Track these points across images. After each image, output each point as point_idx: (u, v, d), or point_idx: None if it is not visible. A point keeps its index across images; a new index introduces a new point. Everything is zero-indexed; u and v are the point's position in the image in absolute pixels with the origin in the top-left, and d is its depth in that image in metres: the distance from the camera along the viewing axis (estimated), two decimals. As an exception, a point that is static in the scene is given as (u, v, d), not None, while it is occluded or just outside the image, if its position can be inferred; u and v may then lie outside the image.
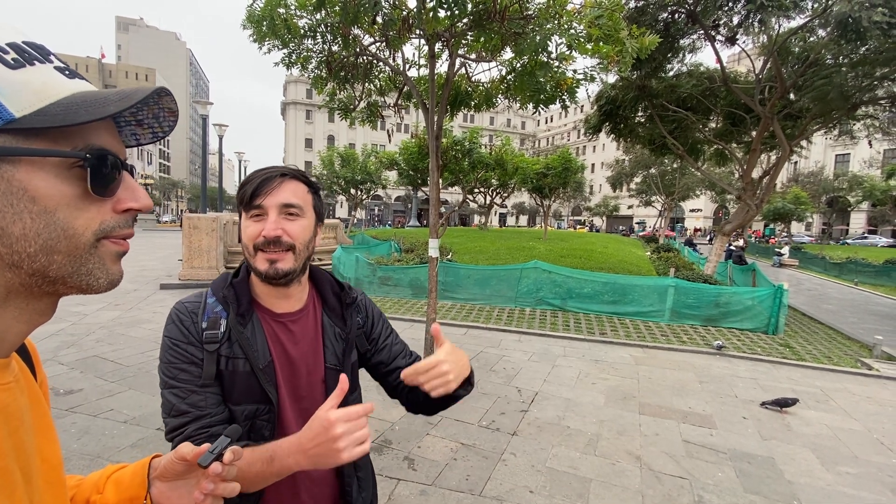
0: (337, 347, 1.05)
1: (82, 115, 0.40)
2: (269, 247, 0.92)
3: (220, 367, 0.94)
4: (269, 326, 1.00)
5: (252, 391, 0.95)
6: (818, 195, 37.05)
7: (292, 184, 0.96)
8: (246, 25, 4.32)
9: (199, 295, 1.01)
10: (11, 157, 0.39)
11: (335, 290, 1.11)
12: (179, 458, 0.64)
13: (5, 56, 0.40)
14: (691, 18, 8.80)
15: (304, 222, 0.96)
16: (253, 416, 0.95)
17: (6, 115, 0.38)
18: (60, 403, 3.93)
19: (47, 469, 0.49)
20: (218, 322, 0.96)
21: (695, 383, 5.40)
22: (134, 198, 0.47)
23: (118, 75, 76.97)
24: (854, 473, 3.55)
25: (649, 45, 3.90)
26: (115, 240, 0.46)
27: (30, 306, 0.44)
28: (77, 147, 0.42)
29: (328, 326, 1.06)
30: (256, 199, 0.93)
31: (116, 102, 0.43)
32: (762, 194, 10.93)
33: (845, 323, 9.29)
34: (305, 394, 1.02)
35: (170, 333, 0.95)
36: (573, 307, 8.92)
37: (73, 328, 6.24)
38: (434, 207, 4.80)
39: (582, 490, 3.10)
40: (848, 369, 6.26)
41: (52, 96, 0.41)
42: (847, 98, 8.62)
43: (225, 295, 0.98)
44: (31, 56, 0.41)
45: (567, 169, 19.16)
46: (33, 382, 0.51)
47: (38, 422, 0.49)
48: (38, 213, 0.40)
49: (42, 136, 0.40)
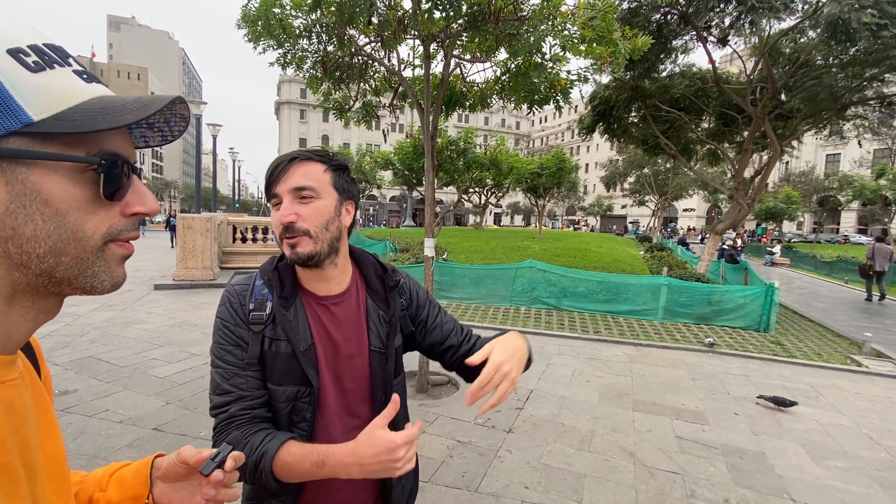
0: (381, 330, 1.05)
1: (100, 123, 0.41)
2: (287, 233, 0.94)
3: (264, 348, 0.97)
4: (312, 309, 1.01)
5: (293, 373, 0.97)
6: (809, 195, 37.46)
7: (304, 165, 0.96)
8: (241, 25, 4.31)
9: (248, 278, 1.04)
10: (27, 159, 0.39)
11: (379, 273, 1.10)
12: (181, 460, 0.64)
13: (26, 59, 0.40)
14: (683, 20, 8.87)
15: (319, 203, 0.95)
16: (294, 397, 0.97)
17: (25, 119, 0.38)
18: (56, 404, 3.87)
19: (51, 465, 0.49)
20: (264, 304, 0.98)
21: (688, 380, 5.46)
22: (142, 202, 0.48)
23: (110, 75, 76.09)
24: (843, 468, 3.62)
25: (642, 47, 3.94)
26: (121, 243, 0.47)
27: (36, 305, 0.45)
28: (91, 151, 0.43)
29: (372, 309, 1.06)
30: (272, 187, 0.95)
31: (134, 111, 0.43)
32: (754, 194, 11.04)
33: (835, 320, 9.42)
34: (348, 375, 1.03)
35: (221, 315, 0.99)
36: (568, 306, 8.97)
37: (66, 329, 6.20)
38: (429, 207, 4.83)
39: (576, 485, 3.14)
40: (838, 366, 6.35)
41: (71, 100, 0.41)
42: (837, 98, 8.72)
43: (270, 278, 1.00)
44: (51, 59, 0.42)
45: (561, 169, 19.23)
46: (37, 379, 0.51)
47: (41, 418, 0.49)
48: (49, 216, 0.41)
49: (57, 140, 0.41)
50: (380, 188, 29.74)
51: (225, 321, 0.99)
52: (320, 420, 1.00)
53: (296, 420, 0.98)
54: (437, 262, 9.95)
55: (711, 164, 14.03)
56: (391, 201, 62.65)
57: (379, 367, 1.04)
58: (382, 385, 1.05)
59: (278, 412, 0.98)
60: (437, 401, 4.47)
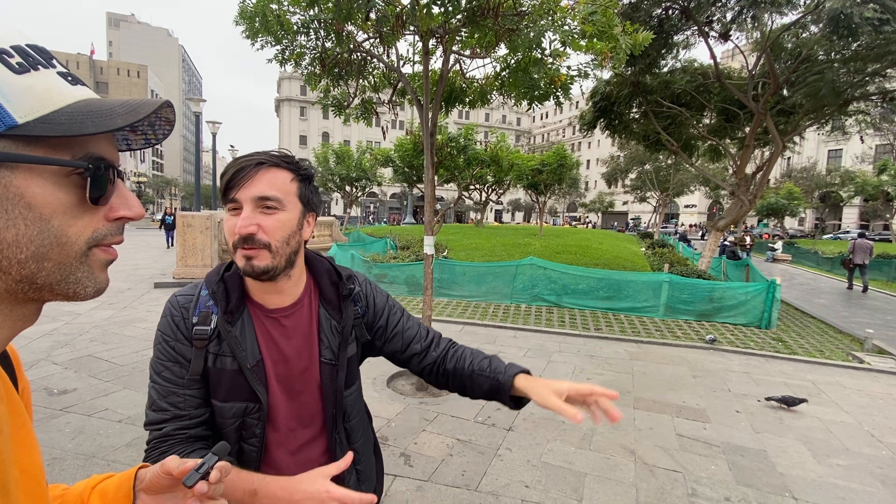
0: (332, 341, 1.01)
1: (88, 127, 0.40)
2: (244, 244, 0.87)
3: (208, 364, 0.92)
4: (261, 323, 0.96)
5: (241, 389, 0.93)
6: (811, 191, 37.34)
7: (270, 173, 0.88)
8: (238, 21, 4.28)
9: (194, 287, 0.98)
10: (10, 162, 0.38)
11: (333, 280, 1.05)
12: (165, 472, 0.62)
13: (10, 60, 0.39)
14: (685, 15, 8.82)
15: (282, 216, 0.89)
16: (242, 413, 0.93)
17: (9, 121, 0.37)
18: (54, 403, 3.91)
19: (26, 479, 0.47)
20: (209, 318, 0.93)
21: (689, 378, 5.44)
22: (127, 206, 0.47)
23: (109, 72, 76.01)
24: (845, 465, 3.60)
25: (643, 42, 3.90)
26: (105, 248, 0.46)
27: (14, 312, 0.43)
28: (77, 155, 0.42)
29: (324, 320, 1.01)
30: (231, 191, 0.87)
31: (123, 116, 0.42)
32: (755, 190, 11.01)
33: (837, 317, 9.39)
34: (301, 389, 0.99)
35: (161, 328, 0.94)
36: (568, 303, 8.96)
37: (66, 328, 6.20)
38: (429, 204, 4.80)
39: (577, 484, 3.13)
40: (839, 363, 6.33)
41: (56, 103, 0.40)
42: (839, 94, 8.68)
43: (215, 290, 0.95)
44: (35, 60, 0.41)
45: (562, 165, 19.18)
46: (13, 391, 0.49)
47: (16, 432, 0.47)
48: (32, 220, 0.40)
49: (42, 143, 0.40)
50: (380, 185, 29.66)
51: (165, 335, 0.93)
52: (272, 435, 0.97)
53: (245, 436, 0.94)
54: (437, 259, 9.94)
55: (713, 160, 13.98)
56: (391, 198, 62.60)
57: (329, 380, 0.99)
58: (333, 398, 1.00)
59: (225, 427, 0.94)
60: (437, 399, 4.46)
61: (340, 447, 1.03)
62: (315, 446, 1.02)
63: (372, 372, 4.90)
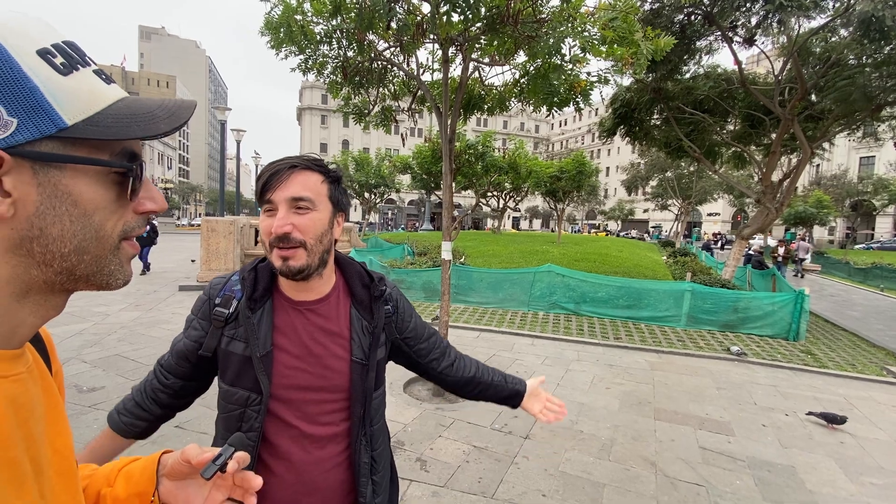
0: (364, 341, 1.02)
1: (135, 131, 0.42)
2: (280, 243, 0.91)
3: (220, 346, 0.98)
4: (286, 313, 0.99)
5: (247, 377, 0.96)
6: (841, 199, 36.05)
7: (302, 175, 0.93)
8: (263, 32, 4.41)
9: (230, 274, 1.06)
10: (60, 163, 0.40)
11: (365, 282, 1.07)
12: (185, 459, 0.63)
13: (54, 59, 0.40)
14: (708, 20, 8.68)
15: (315, 215, 0.93)
16: (245, 403, 0.96)
17: (60, 123, 0.39)
18: (84, 400, 4.04)
19: (59, 460, 0.48)
20: (230, 301, 0.99)
21: (712, 389, 5.29)
22: (152, 199, 0.49)
23: (140, 83, 79.09)
24: (879, 484, 3.44)
25: (664, 47, 3.86)
26: (131, 242, 0.48)
27: (47, 302, 0.45)
28: (114, 151, 0.44)
29: (356, 319, 1.03)
30: (266, 193, 0.92)
31: (166, 120, 0.45)
32: (782, 198, 10.70)
33: (870, 330, 9.01)
34: (317, 385, 0.99)
35: (194, 304, 1.05)
36: (587, 311, 8.83)
37: (95, 328, 6.41)
38: (447, 211, 4.82)
39: (595, 495, 3.07)
40: (873, 377, 6.07)
41: (100, 104, 0.42)
42: (871, 99, 8.40)
43: (245, 277, 1.01)
44: (74, 60, 0.42)
45: (581, 172, 19.00)
46: (47, 373, 0.51)
47: (50, 413, 0.49)
48: (77, 216, 0.42)
49: (87, 143, 0.41)
50: (398, 192, 29.90)
51: (193, 311, 1.04)
52: (270, 428, 0.97)
53: (244, 428, 0.96)
54: (454, 265, 9.94)
55: (737, 167, 13.65)
56: (409, 205, 63.05)
57: (359, 379, 1.01)
58: (362, 398, 1.01)
59: (228, 411, 0.99)
60: (453, 405, 4.44)
61: (365, 448, 1.03)
62: (333, 445, 1.01)
63: (388, 377, 4.90)
